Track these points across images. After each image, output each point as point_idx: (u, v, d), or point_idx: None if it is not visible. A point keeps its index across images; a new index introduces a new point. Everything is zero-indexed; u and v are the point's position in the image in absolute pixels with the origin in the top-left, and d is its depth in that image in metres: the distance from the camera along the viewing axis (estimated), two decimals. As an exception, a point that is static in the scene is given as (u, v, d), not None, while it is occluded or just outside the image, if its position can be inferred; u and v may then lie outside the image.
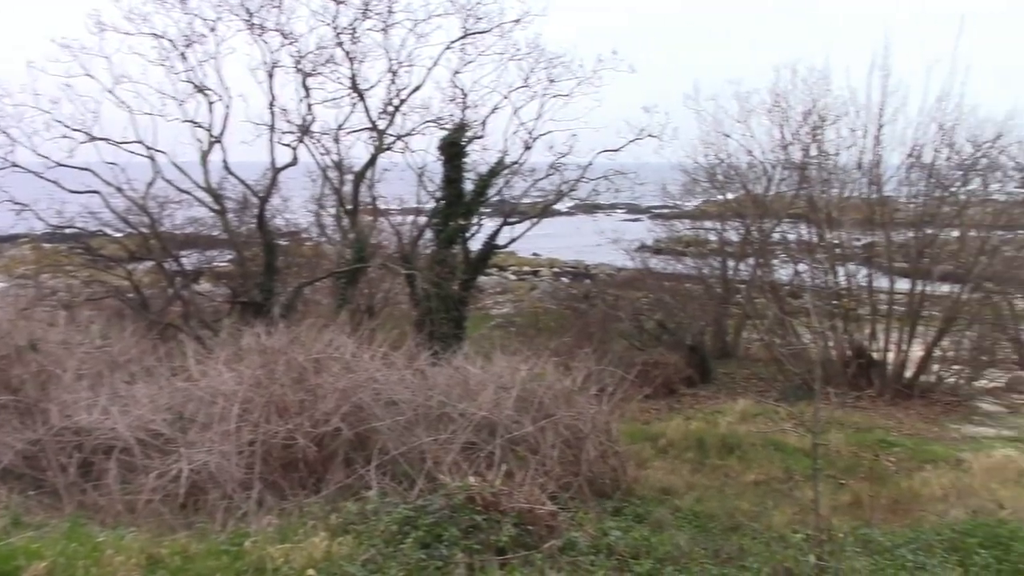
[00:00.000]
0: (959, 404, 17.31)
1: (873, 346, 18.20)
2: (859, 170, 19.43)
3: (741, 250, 22.07)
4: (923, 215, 19.26)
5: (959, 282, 18.71)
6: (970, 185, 20.71)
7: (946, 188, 19.86)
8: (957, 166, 20.24)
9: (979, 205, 21.06)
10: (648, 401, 15.54)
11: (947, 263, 19.23)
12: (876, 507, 9.21)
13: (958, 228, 19.97)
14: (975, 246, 19.14)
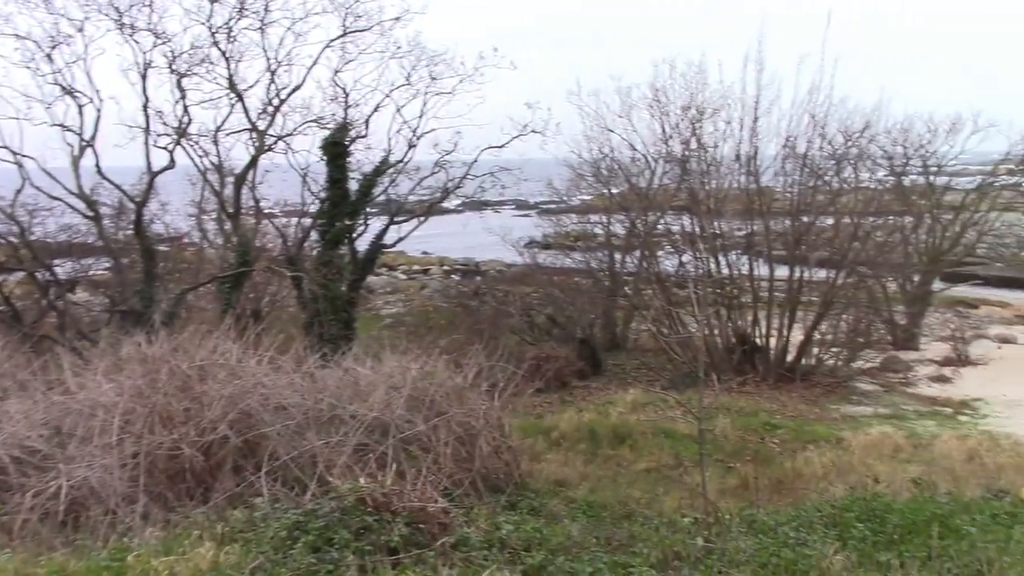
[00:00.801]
0: (838, 385, 17.98)
1: (756, 332, 18.74)
2: (737, 162, 19.99)
3: (627, 243, 22.42)
4: (799, 204, 19.90)
5: (835, 267, 19.40)
6: (842, 174, 21.52)
7: (820, 177, 20.59)
8: (830, 156, 21.03)
9: (851, 193, 21.90)
10: (540, 395, 15.66)
11: (823, 250, 19.91)
12: (761, 488, 9.47)
13: (832, 215, 20.72)
14: (848, 232, 19.88)
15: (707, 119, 19.98)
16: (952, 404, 16.94)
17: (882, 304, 23.83)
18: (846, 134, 21.36)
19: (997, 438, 12.81)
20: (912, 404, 16.92)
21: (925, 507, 6.77)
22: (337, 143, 17.27)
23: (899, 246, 24.96)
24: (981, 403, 17.12)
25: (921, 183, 28.73)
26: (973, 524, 6.24)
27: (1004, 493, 7.66)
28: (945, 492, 7.79)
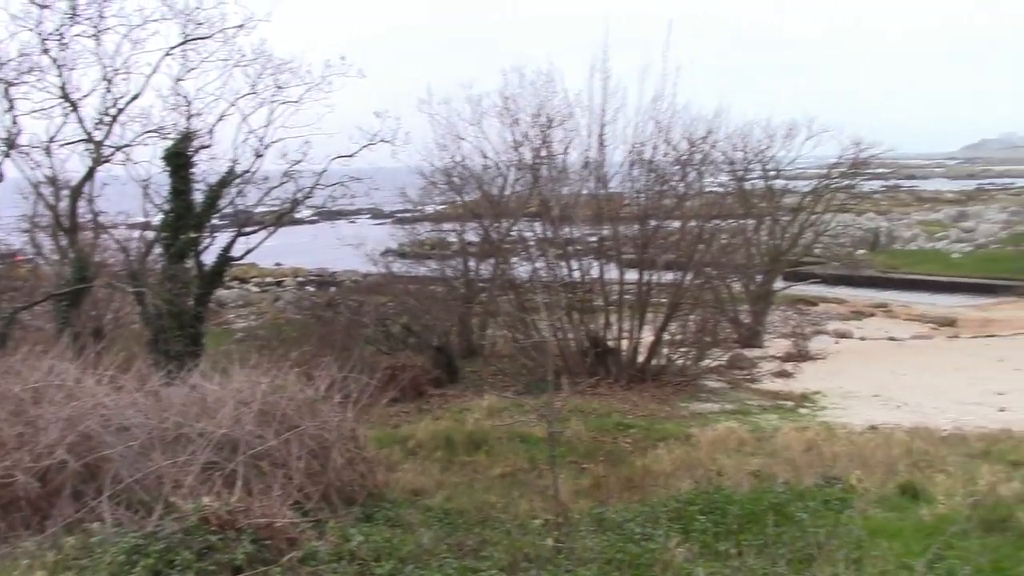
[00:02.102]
0: (687, 383, 18.51)
1: (608, 335, 19.10)
2: (586, 168, 20.36)
3: (482, 250, 22.55)
4: (646, 209, 20.42)
5: (682, 270, 19.96)
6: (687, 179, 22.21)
7: (666, 182, 21.18)
8: (675, 161, 21.64)
9: (696, 197, 22.64)
10: (396, 404, 15.54)
11: (670, 253, 20.48)
12: (612, 487, 9.66)
13: (679, 219, 21.35)
14: (694, 235, 20.53)
15: (556, 127, 20.28)
16: (793, 398, 17.69)
17: (727, 304, 24.75)
18: (690, 140, 22.09)
19: (834, 428, 13.43)
20: (756, 399, 17.59)
21: (763, 497, 7.06)
22: (180, 153, 16.70)
23: (742, 247, 25.97)
24: (820, 396, 17.95)
25: (761, 187, 29.96)
26: (806, 511, 6.55)
27: (836, 480, 8.05)
28: (783, 482, 8.13)
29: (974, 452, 10.74)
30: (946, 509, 6.43)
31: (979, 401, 16.78)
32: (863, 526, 6.30)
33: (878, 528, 6.29)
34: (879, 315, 34.54)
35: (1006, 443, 11.17)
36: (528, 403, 14.36)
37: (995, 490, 6.86)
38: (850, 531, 5.99)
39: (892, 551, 5.64)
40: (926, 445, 11.18)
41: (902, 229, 56.18)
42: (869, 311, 35.08)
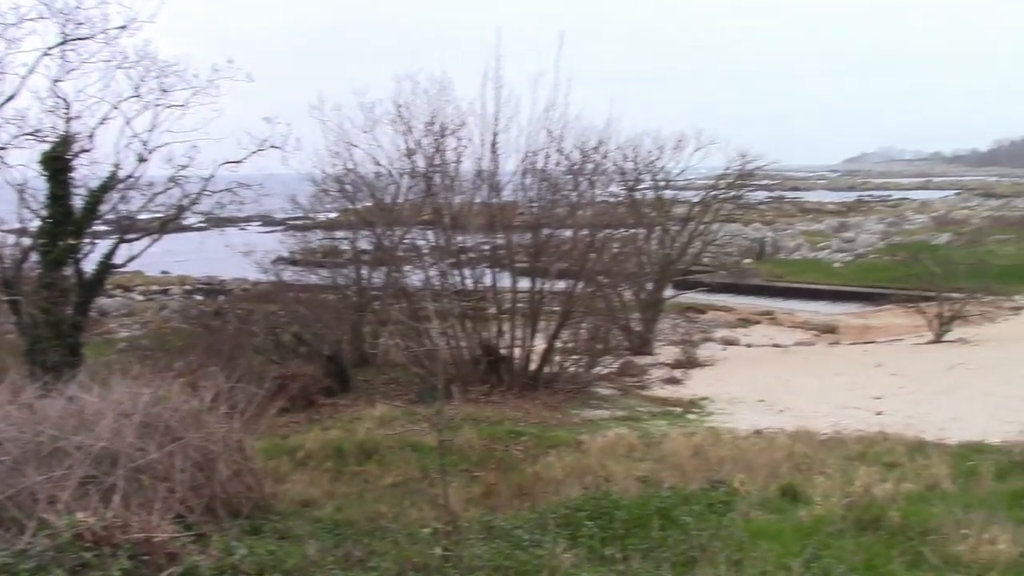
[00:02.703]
0: (579, 391, 18.70)
1: (501, 343, 19.17)
2: (479, 177, 20.41)
3: (374, 258, 22.38)
4: (539, 217, 20.58)
5: (574, 278, 20.18)
6: (580, 188, 22.47)
7: (558, 191, 21.39)
8: (567, 171, 21.88)
9: (588, 206, 22.92)
10: (286, 414, 15.31)
11: (562, 261, 20.67)
12: (503, 494, 9.67)
13: (571, 228, 21.57)
14: (586, 244, 20.77)
15: (450, 135, 20.27)
16: (682, 404, 18.06)
17: (619, 312, 25.11)
18: (582, 150, 22.39)
19: (720, 433, 13.74)
20: (646, 406, 17.88)
21: (650, 502, 7.16)
22: (58, 157, 16.09)
23: (633, 256, 26.39)
24: (707, 401, 18.35)
25: (651, 196, 30.52)
26: (691, 514, 6.68)
27: (721, 484, 8.23)
28: (669, 487, 8.26)
29: (852, 454, 11.09)
30: (823, 510, 6.63)
31: (857, 405, 17.39)
32: (745, 528, 6.46)
33: (759, 530, 6.46)
34: (765, 322, 35.53)
35: (882, 445, 11.58)
36: (420, 412, 14.27)
37: (869, 491, 7.10)
38: (732, 533, 6.13)
39: (772, 552, 5.79)
40: (807, 448, 11.52)
41: (787, 239, 57.94)
42: (755, 318, 36.05)
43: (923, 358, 23.71)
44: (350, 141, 21.33)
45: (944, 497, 7.54)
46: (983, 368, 20.86)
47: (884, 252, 50.80)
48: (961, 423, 14.83)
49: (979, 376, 19.90)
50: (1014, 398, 16.76)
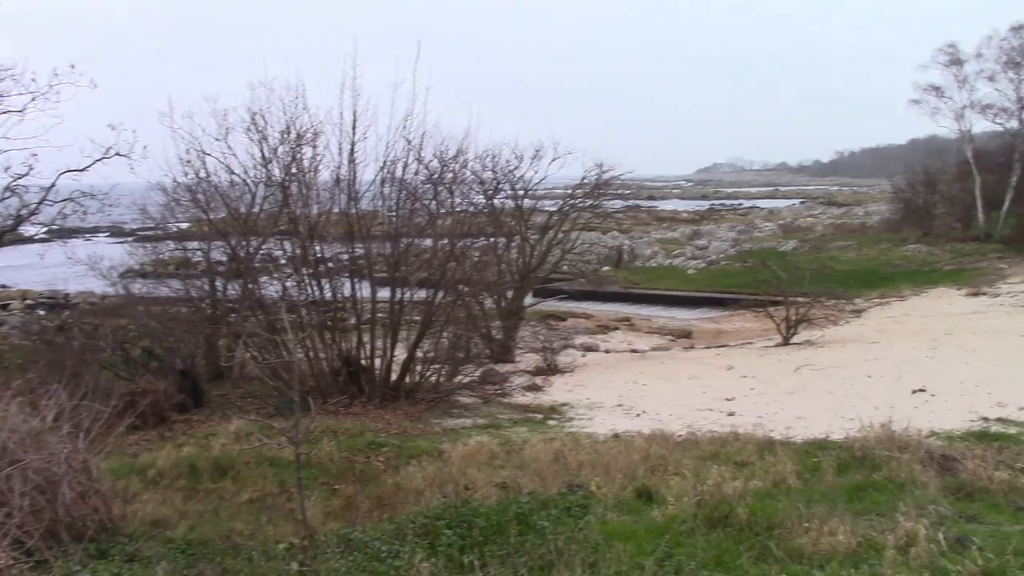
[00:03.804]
0: (441, 400, 18.70)
1: (361, 353, 18.98)
2: (337, 186, 20.17)
3: (229, 269, 21.80)
4: (399, 227, 20.49)
5: (434, 287, 20.15)
6: (439, 197, 22.50)
7: (418, 200, 21.35)
8: (426, 179, 21.87)
9: (448, 215, 22.97)
10: (137, 432, 14.78)
11: (423, 270, 20.64)
12: (363, 507, 9.56)
13: (431, 237, 21.56)
14: (446, 253, 20.79)
15: (307, 143, 19.97)
16: (542, 410, 18.24)
17: (480, 320, 25.20)
18: (441, 159, 22.42)
19: (579, 438, 13.95)
20: (508, 413, 18.00)
21: (509, 508, 7.19)
22: None
23: (493, 265, 26.53)
24: (567, 407, 18.60)
25: (511, 206, 30.78)
26: (548, 519, 6.74)
27: (578, 487, 8.34)
28: (528, 492, 8.33)
29: (705, 455, 11.41)
30: (676, 510, 6.80)
31: (711, 407, 17.93)
32: (601, 530, 6.57)
33: (614, 531, 6.57)
34: (623, 328, 36.25)
35: (733, 445, 11.96)
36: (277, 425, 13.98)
37: (720, 489, 7.31)
38: (588, 536, 6.22)
39: (626, 552, 5.90)
40: (662, 450, 11.79)
41: (643, 247, 59.39)
42: (614, 325, 36.75)
43: (772, 360, 24.64)
44: (202, 149, 20.73)
45: (789, 492, 7.85)
46: (827, 368, 21.83)
47: (735, 259, 52.62)
48: (806, 421, 15.49)
49: (823, 376, 20.81)
50: (855, 396, 17.60)
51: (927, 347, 23.85)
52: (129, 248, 26.27)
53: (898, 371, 20.03)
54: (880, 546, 5.75)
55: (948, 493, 7.60)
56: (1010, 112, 55.10)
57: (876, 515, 6.71)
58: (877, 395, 17.43)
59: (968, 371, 19.48)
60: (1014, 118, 55.19)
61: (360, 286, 20.33)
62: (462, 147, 23.10)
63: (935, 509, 6.73)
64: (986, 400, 16.32)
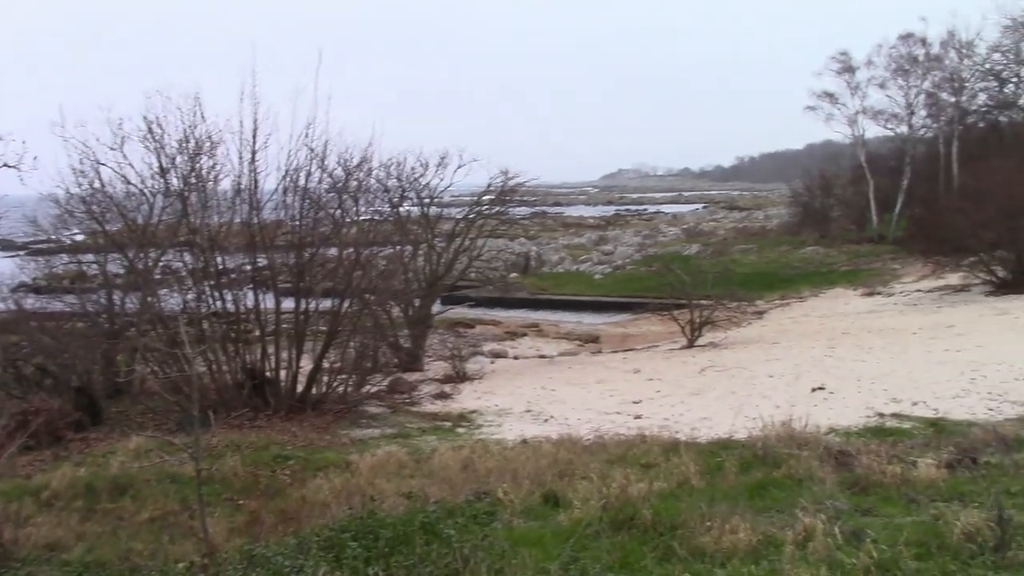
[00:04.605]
0: (348, 410, 18.50)
1: (266, 365, 18.66)
2: (239, 196, 19.81)
3: (127, 282, 21.19)
4: (303, 236, 20.21)
5: (340, 296, 19.93)
6: (344, 205, 22.30)
7: (322, 209, 21.12)
8: (330, 188, 21.65)
9: (353, 224, 22.78)
10: (30, 452, 14.25)
11: (328, 280, 20.40)
12: (268, 521, 9.39)
13: (336, 246, 21.34)
14: (351, 262, 20.59)
15: (206, 153, 19.58)
16: (452, 418, 18.19)
17: (387, 329, 25.04)
18: (345, 167, 22.22)
19: (488, 445, 13.92)
20: (416, 422, 17.90)
21: (415, 518, 7.13)
22: None
23: (399, 273, 26.40)
24: (476, 414, 18.59)
25: (417, 213, 30.68)
26: (455, 527, 6.70)
27: (486, 494, 8.33)
28: (435, 501, 8.28)
29: (612, 458, 11.52)
30: (582, 513, 6.84)
31: (618, 410, 18.11)
32: (507, 536, 6.56)
33: (521, 537, 6.57)
34: (531, 334, 36.45)
35: (640, 447, 12.09)
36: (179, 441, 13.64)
37: (625, 491, 7.38)
38: (494, 543, 6.20)
39: (532, 558, 5.90)
40: (570, 454, 11.87)
41: (550, 253, 59.80)
42: (522, 331, 36.92)
43: (677, 362, 25.03)
44: (97, 159, 20.10)
45: (693, 492, 7.97)
46: (730, 369, 22.26)
47: (640, 263, 53.41)
48: (711, 422, 15.76)
49: (727, 377, 21.22)
50: (757, 396, 18.00)
51: (825, 346, 24.52)
52: (20, 262, 25.37)
53: (798, 370, 20.57)
54: (780, 542, 5.88)
55: (845, 488, 7.81)
56: (900, 118, 57.38)
57: (776, 512, 6.85)
58: (778, 394, 17.86)
59: (864, 369, 20.09)
60: (904, 123, 57.50)
61: (264, 297, 19.98)
62: (366, 155, 22.97)
63: (832, 504, 6.91)
64: (881, 396, 16.85)
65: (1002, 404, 15.25)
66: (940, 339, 23.58)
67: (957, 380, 17.60)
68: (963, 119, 56.02)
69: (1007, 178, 33.10)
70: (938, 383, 17.52)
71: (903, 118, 57.38)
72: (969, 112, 56.83)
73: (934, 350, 21.83)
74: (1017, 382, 16.85)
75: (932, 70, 56.04)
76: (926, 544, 5.68)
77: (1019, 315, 26.01)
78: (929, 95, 56.84)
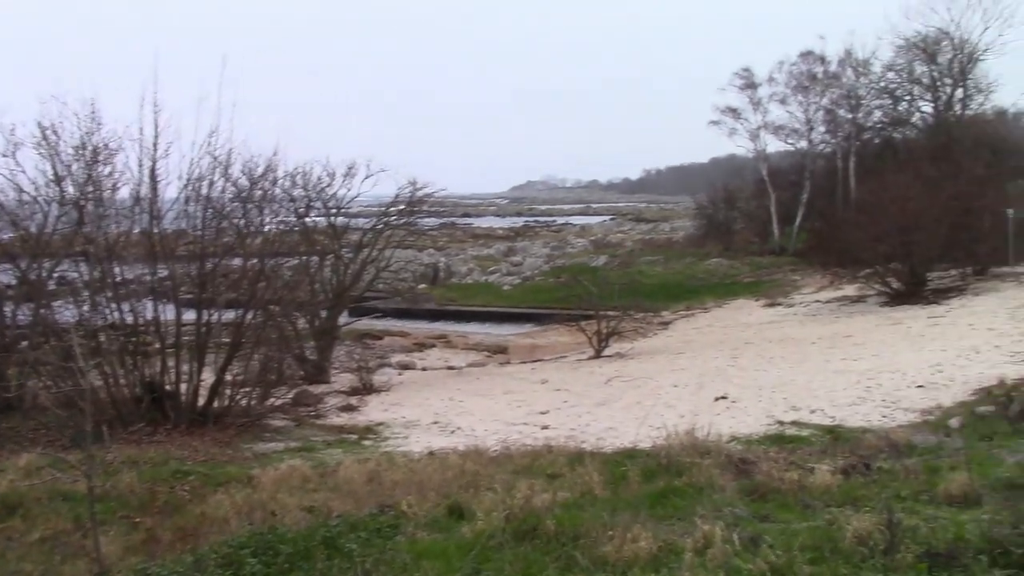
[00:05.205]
0: (252, 424, 18.13)
1: (167, 378, 18.19)
2: (138, 205, 19.30)
3: (19, 294, 20.42)
4: (206, 246, 19.79)
5: (244, 307, 19.56)
6: (249, 215, 21.92)
7: (226, 219, 20.72)
8: (234, 197, 21.26)
9: (258, 234, 22.40)
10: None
11: (231, 291, 20.02)
12: (164, 539, 9.15)
13: (240, 257, 20.95)
14: (255, 272, 20.25)
15: (104, 160, 19.03)
16: (358, 430, 18.02)
17: (293, 341, 24.67)
18: (250, 176, 21.87)
19: (394, 457, 13.80)
20: (322, 435, 17.66)
21: (317, 532, 7.03)
22: None
23: (306, 284, 26.09)
24: (383, 427, 18.44)
25: (324, 224, 30.37)
26: (357, 541, 6.63)
27: (389, 508, 8.24)
28: (337, 515, 8.17)
29: (519, 468, 11.52)
30: (485, 525, 6.81)
31: (526, 421, 18.17)
32: (409, 550, 6.50)
33: (424, 550, 6.52)
34: (439, 346, 36.40)
35: (546, 458, 12.12)
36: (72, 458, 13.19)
37: (529, 502, 7.39)
38: (396, 556, 6.14)
39: (434, 570, 5.86)
40: (477, 466, 11.83)
41: (459, 264, 59.80)
42: (430, 342, 36.84)
43: (584, 373, 25.25)
44: (-14, 166, 19.35)
45: (596, 502, 8.01)
46: (636, 379, 22.55)
47: (549, 275, 53.76)
48: (617, 431, 15.92)
49: (633, 387, 21.49)
50: (662, 405, 18.25)
51: (729, 356, 25.02)
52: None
53: (702, 380, 20.93)
54: (680, 549, 5.94)
55: (744, 495, 7.95)
56: (800, 133, 59.20)
57: (677, 519, 6.94)
58: (683, 403, 18.13)
59: (766, 378, 20.56)
60: (804, 138, 59.30)
61: (164, 308, 19.48)
62: (272, 164, 22.68)
63: (731, 511, 7.02)
64: (781, 405, 17.25)
65: (895, 411, 15.76)
66: (838, 348, 24.27)
67: (853, 388, 18.13)
68: (859, 135, 57.97)
69: (901, 193, 34.32)
70: (835, 391, 18.03)
71: (803, 133, 59.24)
72: (865, 128, 58.81)
73: (832, 359, 22.45)
74: (909, 389, 17.44)
75: (830, 87, 57.99)
76: (820, 548, 5.81)
77: (912, 324, 26.94)
78: (827, 111, 58.79)
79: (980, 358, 19.70)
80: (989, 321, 25.03)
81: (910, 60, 55.32)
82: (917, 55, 54.47)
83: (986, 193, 37.05)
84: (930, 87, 55.19)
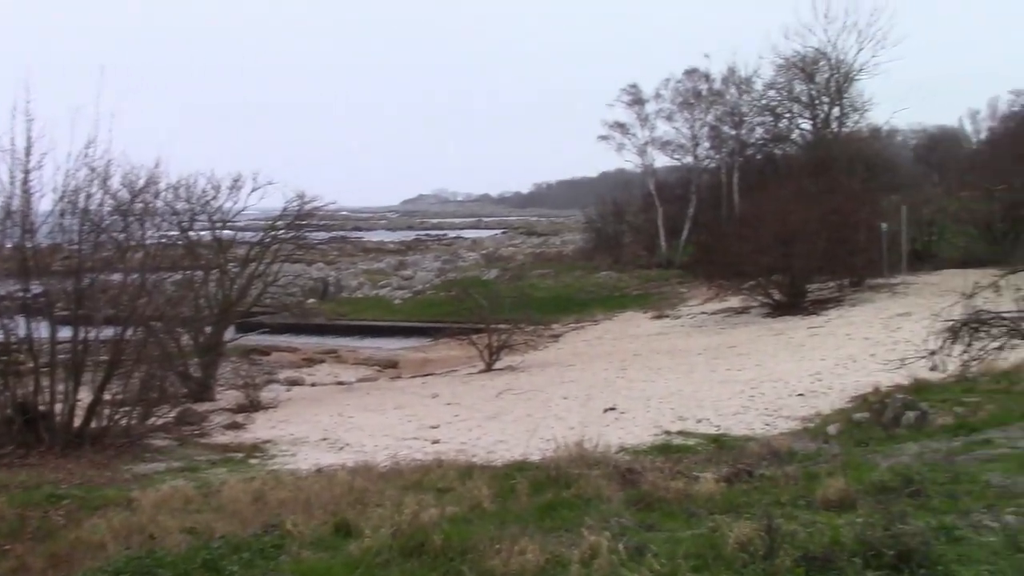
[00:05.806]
0: (132, 444, 17.53)
1: (40, 399, 17.45)
2: (9, 218, 18.52)
3: None
4: (83, 261, 19.10)
5: (123, 324, 18.93)
6: (129, 229, 21.26)
7: (105, 232, 20.04)
8: (114, 210, 20.59)
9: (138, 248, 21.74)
10: None
11: (110, 307, 19.35)
12: (35, 567, 8.76)
13: (120, 271, 20.28)
14: (136, 288, 19.63)
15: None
16: (244, 449, 17.62)
17: (175, 358, 23.98)
18: (131, 189, 21.25)
19: (281, 476, 13.54)
20: (206, 454, 17.20)
21: (198, 555, 6.81)
22: None
23: (190, 299, 25.44)
24: (271, 444, 18.08)
25: (209, 237, 29.68)
26: (240, 563, 6.45)
27: (274, 527, 8.04)
28: (220, 537, 7.93)
29: (408, 484, 11.41)
30: (372, 542, 6.70)
31: (416, 436, 18.06)
32: (294, 570, 6.36)
33: (308, 570, 6.39)
34: (329, 361, 35.93)
35: (436, 472, 12.04)
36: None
37: (417, 517, 7.31)
38: (280, 577, 6.01)
39: (319, 590, 5.75)
40: (366, 482, 11.67)
41: (349, 278, 59.14)
42: (320, 357, 36.34)
43: (475, 386, 25.25)
44: None
45: (485, 516, 7.98)
46: (527, 392, 22.66)
47: (440, 288, 53.59)
48: (507, 444, 15.95)
49: (524, 400, 21.58)
50: (552, 418, 18.38)
51: (618, 368, 25.37)
52: None
53: (591, 392, 21.16)
54: (566, 561, 5.95)
55: (631, 504, 8.02)
56: (686, 148, 60.70)
57: (564, 531, 6.95)
58: (572, 415, 18.30)
59: (653, 388, 20.91)
60: (689, 154, 60.85)
61: (38, 326, 18.72)
62: (154, 176, 22.09)
63: (617, 521, 7.08)
64: (669, 415, 17.57)
65: (777, 419, 16.23)
66: (723, 359, 24.86)
67: (738, 397, 18.59)
68: (743, 151, 59.76)
69: (781, 207, 35.48)
70: (721, 401, 18.45)
71: (689, 149, 60.72)
72: (748, 144, 60.67)
73: (718, 369, 22.99)
74: (791, 398, 17.98)
75: (715, 104, 59.63)
76: (703, 556, 5.89)
77: (793, 335, 27.81)
78: (712, 128, 60.44)
79: (857, 366, 20.45)
80: (865, 331, 26.03)
81: (790, 79, 57.27)
82: (796, 74, 56.40)
83: (862, 207, 38.63)
84: (809, 105, 57.17)
